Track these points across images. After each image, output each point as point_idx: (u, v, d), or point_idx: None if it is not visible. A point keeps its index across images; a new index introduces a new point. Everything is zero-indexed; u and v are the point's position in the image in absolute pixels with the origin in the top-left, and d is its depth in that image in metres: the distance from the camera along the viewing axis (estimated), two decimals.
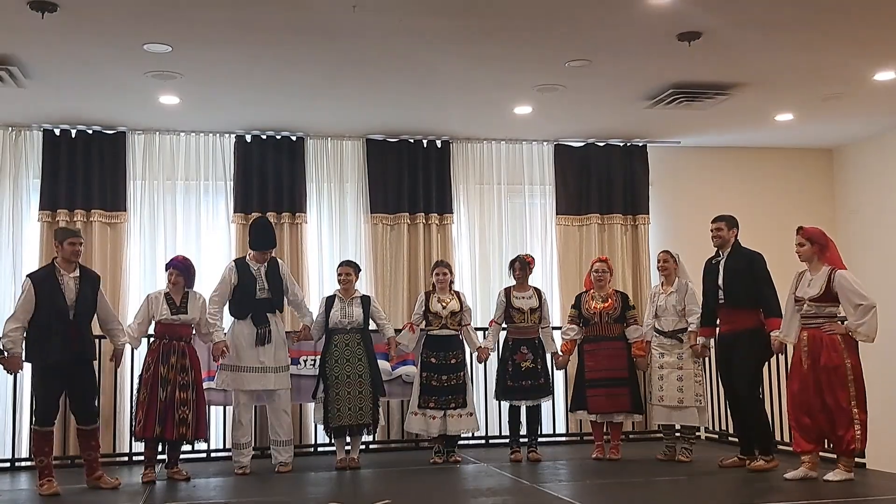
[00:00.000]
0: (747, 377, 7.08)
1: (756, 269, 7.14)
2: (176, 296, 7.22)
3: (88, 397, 6.79)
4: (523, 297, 7.90)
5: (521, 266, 7.95)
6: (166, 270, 7.36)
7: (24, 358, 6.64)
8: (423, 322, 7.89)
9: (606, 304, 7.79)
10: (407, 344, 7.90)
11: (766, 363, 7.38)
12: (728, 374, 7.24)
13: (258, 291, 7.45)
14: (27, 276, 6.80)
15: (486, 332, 8.11)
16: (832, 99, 8.43)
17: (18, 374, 7.68)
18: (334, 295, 7.74)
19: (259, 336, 7.38)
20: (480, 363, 8.14)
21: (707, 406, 7.88)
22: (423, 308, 7.86)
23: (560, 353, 7.95)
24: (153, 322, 7.27)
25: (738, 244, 7.31)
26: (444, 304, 7.84)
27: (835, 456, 6.64)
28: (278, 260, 7.76)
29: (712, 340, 7.63)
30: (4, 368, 6.62)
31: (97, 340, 7.13)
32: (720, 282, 7.21)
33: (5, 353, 6.51)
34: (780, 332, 6.76)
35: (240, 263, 7.58)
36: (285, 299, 7.68)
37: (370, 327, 7.85)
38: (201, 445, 8.30)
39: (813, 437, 6.53)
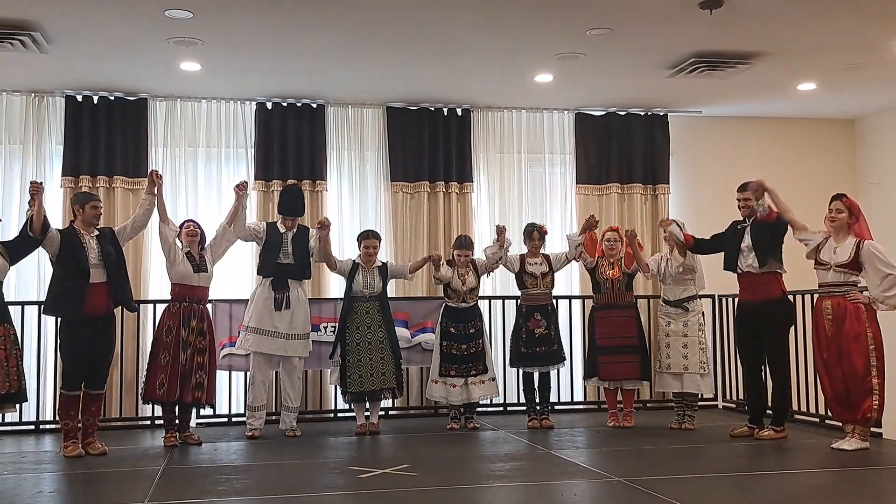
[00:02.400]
0: (780, 346, 7.12)
1: (780, 227, 7.09)
2: (195, 253, 7.28)
3: (104, 362, 6.87)
4: (535, 263, 7.98)
5: (540, 237, 8.00)
6: (181, 227, 7.35)
7: (51, 311, 6.78)
8: (443, 292, 7.99)
9: (614, 272, 7.83)
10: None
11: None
12: (753, 343, 7.24)
13: (281, 255, 7.52)
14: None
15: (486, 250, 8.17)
16: (854, 68, 8.36)
17: (43, 339, 7.84)
18: (357, 263, 7.78)
19: (276, 301, 7.45)
20: (501, 234, 8.04)
21: (710, 374, 7.91)
22: (447, 274, 7.91)
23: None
24: (168, 280, 7.32)
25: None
26: (463, 279, 7.88)
27: (841, 423, 6.69)
28: (309, 228, 7.79)
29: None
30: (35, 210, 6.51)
31: (119, 310, 7.16)
32: (744, 245, 7.16)
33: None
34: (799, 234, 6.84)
35: (270, 224, 7.70)
36: (310, 267, 7.75)
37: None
38: (222, 410, 8.44)
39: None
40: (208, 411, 7.91)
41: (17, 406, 6.82)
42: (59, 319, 7.04)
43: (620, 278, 7.86)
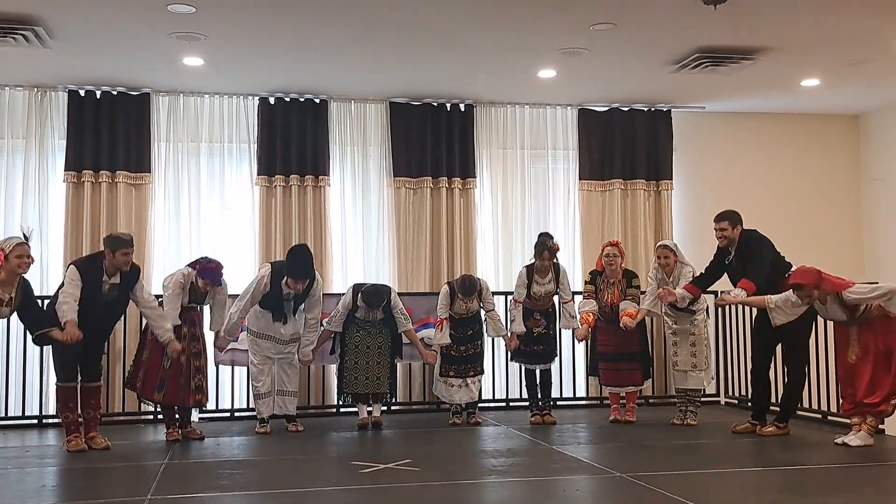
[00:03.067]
0: (803, 352, 7.13)
1: (753, 250, 7.09)
2: (201, 290, 7.27)
3: (95, 355, 6.86)
4: (543, 284, 7.92)
5: (550, 256, 7.88)
6: (198, 276, 7.18)
7: (38, 341, 6.69)
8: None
9: (614, 296, 7.82)
10: (446, 341, 7.85)
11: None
12: (767, 342, 7.20)
13: (283, 304, 7.51)
14: (74, 264, 6.74)
15: (512, 313, 8.06)
16: (858, 64, 8.34)
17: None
18: (357, 304, 7.69)
19: (275, 316, 7.50)
20: (512, 351, 8.08)
21: (711, 366, 7.92)
22: (449, 302, 7.87)
23: (580, 326, 7.93)
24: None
25: (745, 234, 7.23)
26: (467, 307, 7.87)
27: (846, 420, 6.68)
28: (316, 280, 7.55)
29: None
30: (63, 339, 6.40)
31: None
32: (738, 274, 7.17)
33: (63, 325, 6.41)
34: (771, 314, 6.78)
35: (275, 279, 7.42)
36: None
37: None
38: (225, 405, 8.47)
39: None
40: (211, 405, 7.93)
41: None
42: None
43: (617, 302, 7.80)
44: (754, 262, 7.07)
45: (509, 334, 7.98)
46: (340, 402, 8.06)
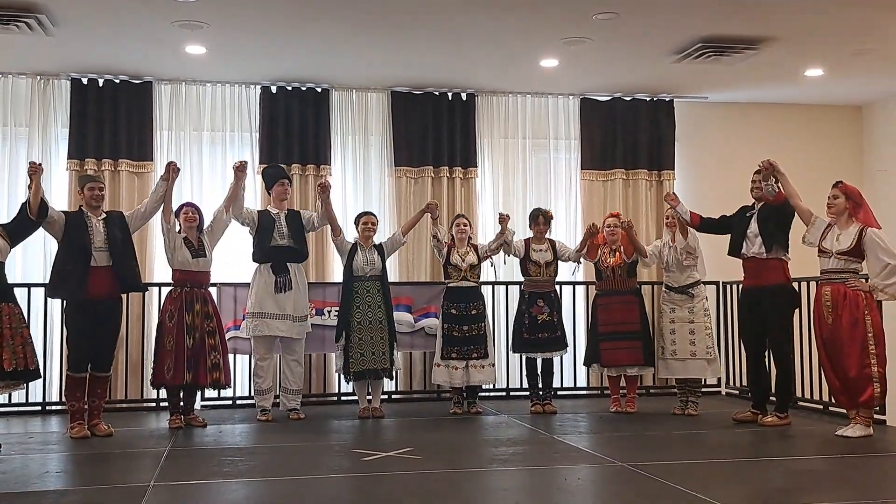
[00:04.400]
0: (784, 332, 7.16)
1: (786, 213, 7.09)
2: (193, 239, 7.28)
3: (109, 345, 6.89)
4: (540, 250, 7.98)
5: (545, 221, 8.00)
6: (178, 212, 7.33)
7: (52, 293, 6.86)
8: (443, 273, 7.99)
9: (616, 259, 7.83)
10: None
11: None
12: (757, 328, 7.25)
13: (276, 235, 7.53)
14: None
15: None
16: (862, 54, 8.33)
17: (49, 324, 7.86)
18: (356, 243, 7.80)
19: (278, 284, 7.48)
20: (501, 224, 8.00)
21: (718, 359, 7.94)
22: (446, 250, 7.91)
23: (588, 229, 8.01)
24: (167, 267, 7.38)
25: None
26: (462, 256, 7.88)
27: (845, 411, 6.70)
28: (300, 211, 7.85)
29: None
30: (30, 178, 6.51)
31: (125, 297, 7.24)
32: (750, 231, 7.17)
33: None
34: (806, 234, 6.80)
35: (262, 212, 7.72)
36: (307, 246, 7.84)
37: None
38: (227, 393, 8.48)
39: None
40: (213, 393, 7.96)
41: (26, 385, 6.83)
42: (63, 302, 7.05)
43: (621, 265, 7.85)
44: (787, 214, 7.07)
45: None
46: (346, 382, 8.03)
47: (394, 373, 7.95)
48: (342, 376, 7.97)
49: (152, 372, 7.23)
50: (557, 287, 8.26)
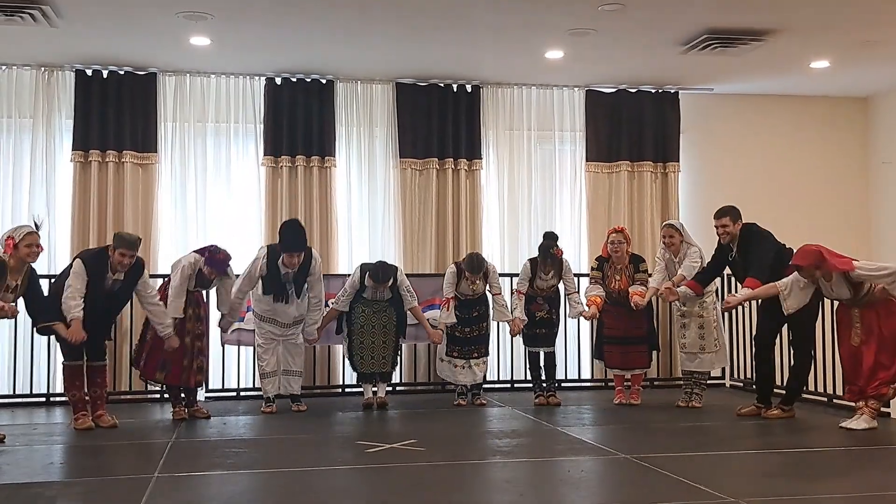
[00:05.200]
0: (807, 329, 7.11)
1: (753, 245, 7.08)
2: (208, 278, 7.30)
3: (101, 336, 6.89)
4: (546, 278, 7.96)
5: (553, 262, 7.89)
6: (206, 264, 7.18)
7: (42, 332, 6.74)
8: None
9: (622, 282, 7.82)
10: (452, 321, 7.83)
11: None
12: (774, 324, 7.19)
13: (284, 284, 7.49)
14: (80, 258, 6.76)
15: (514, 302, 8.05)
16: (868, 46, 8.29)
17: None
18: (364, 283, 7.69)
19: (276, 297, 7.50)
20: (514, 336, 8.12)
21: (725, 348, 7.93)
22: (455, 282, 7.87)
23: (587, 309, 7.90)
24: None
25: (745, 228, 7.21)
26: (473, 287, 7.87)
27: (851, 403, 6.69)
28: (312, 258, 7.55)
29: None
30: (68, 338, 6.44)
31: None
32: (736, 271, 7.25)
33: (69, 322, 6.45)
34: (784, 301, 6.72)
35: (272, 257, 7.43)
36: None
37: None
38: (231, 384, 8.50)
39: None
40: (217, 384, 7.99)
41: None
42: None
43: (626, 289, 7.79)
44: (756, 257, 7.03)
45: (514, 319, 7.94)
46: (357, 382, 8.06)
47: (392, 375, 8.01)
48: (352, 370, 8.01)
49: (141, 362, 7.17)
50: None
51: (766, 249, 7.07)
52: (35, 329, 6.76)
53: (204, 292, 7.56)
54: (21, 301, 6.55)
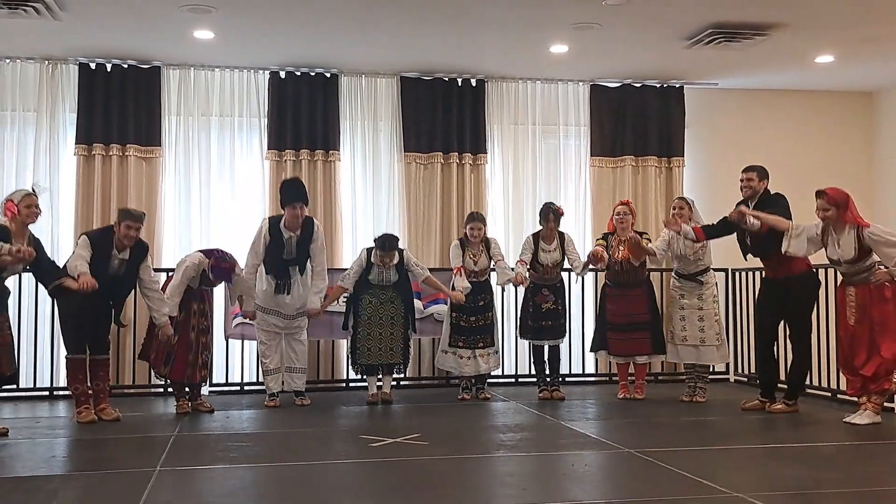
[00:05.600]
0: (803, 321, 7.10)
1: (775, 207, 7.03)
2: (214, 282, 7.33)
3: (104, 328, 6.89)
4: (549, 251, 7.94)
5: (556, 218, 7.94)
6: (210, 271, 7.16)
7: (53, 293, 6.74)
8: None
9: (625, 252, 7.80)
10: (466, 286, 7.80)
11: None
12: (774, 317, 7.21)
13: (286, 255, 7.48)
14: (86, 234, 6.80)
15: (517, 267, 8.05)
16: (873, 40, 8.26)
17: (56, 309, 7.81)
18: (370, 261, 7.67)
19: (278, 287, 7.48)
20: (518, 285, 8.03)
21: (726, 344, 7.91)
22: (461, 253, 7.88)
23: (592, 254, 7.83)
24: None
25: (768, 193, 7.20)
26: (474, 260, 7.86)
27: (855, 398, 6.68)
28: (314, 225, 7.60)
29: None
30: (79, 288, 6.40)
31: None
32: (748, 240, 7.16)
33: (76, 277, 6.43)
34: (788, 240, 6.69)
35: (273, 224, 7.48)
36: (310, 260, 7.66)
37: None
38: (235, 378, 8.50)
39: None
40: (220, 378, 7.99)
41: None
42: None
43: (628, 257, 7.81)
44: (778, 209, 6.98)
45: (516, 274, 7.87)
46: (356, 374, 8.03)
47: (407, 367, 7.95)
48: (350, 366, 7.97)
49: (152, 357, 7.17)
50: (565, 275, 8.23)
51: (785, 210, 7.02)
52: (49, 292, 6.70)
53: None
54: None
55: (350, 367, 7.95)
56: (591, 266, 7.98)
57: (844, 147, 10.22)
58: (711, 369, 7.98)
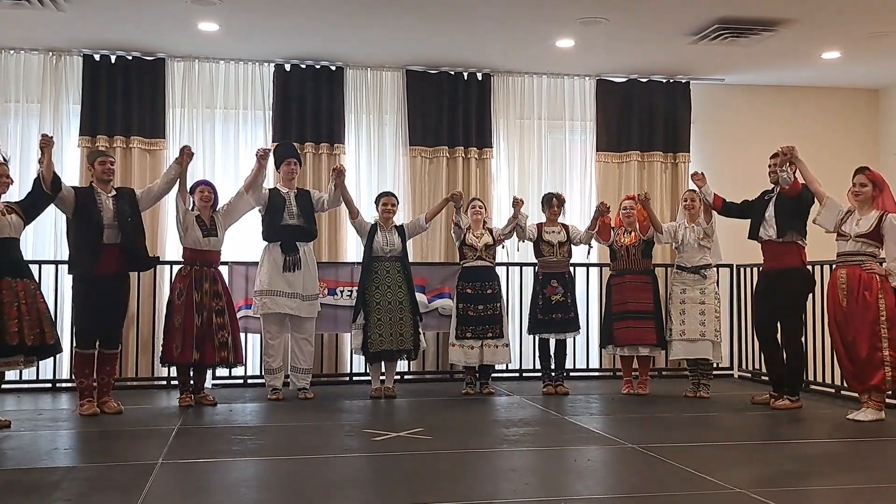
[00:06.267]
0: (795, 315, 7.11)
1: (805, 199, 7.02)
2: (206, 218, 7.28)
3: (117, 322, 6.90)
4: (552, 231, 7.95)
5: (559, 204, 7.99)
6: (193, 190, 7.32)
7: (70, 269, 6.77)
8: (459, 254, 7.99)
9: (632, 238, 7.80)
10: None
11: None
12: (770, 310, 7.22)
13: (286, 215, 7.49)
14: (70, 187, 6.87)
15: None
16: (880, 37, 8.23)
17: (60, 301, 7.84)
18: (375, 224, 7.76)
19: (287, 263, 7.45)
20: (515, 206, 7.99)
21: (721, 343, 7.90)
22: (462, 234, 7.91)
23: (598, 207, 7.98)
24: (179, 244, 7.36)
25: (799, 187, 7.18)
26: (478, 237, 7.86)
27: (857, 395, 6.67)
28: (310, 190, 7.83)
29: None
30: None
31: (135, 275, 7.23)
32: (768, 214, 7.13)
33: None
34: (820, 211, 6.75)
35: (271, 189, 7.69)
36: (316, 225, 7.79)
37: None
38: (238, 372, 8.48)
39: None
40: (224, 372, 7.98)
41: (44, 360, 6.76)
42: (73, 278, 7.02)
43: (636, 244, 7.81)
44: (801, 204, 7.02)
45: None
46: (368, 363, 8.00)
47: (418, 353, 7.92)
48: (361, 356, 7.94)
49: (162, 350, 7.25)
50: (572, 269, 8.21)
51: (806, 208, 7.04)
52: (40, 194, 6.51)
53: (223, 274, 7.52)
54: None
55: (363, 355, 7.87)
56: (595, 234, 8.00)
57: (850, 144, 10.17)
58: (715, 365, 7.95)
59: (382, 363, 7.79)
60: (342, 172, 7.68)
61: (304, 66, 9.09)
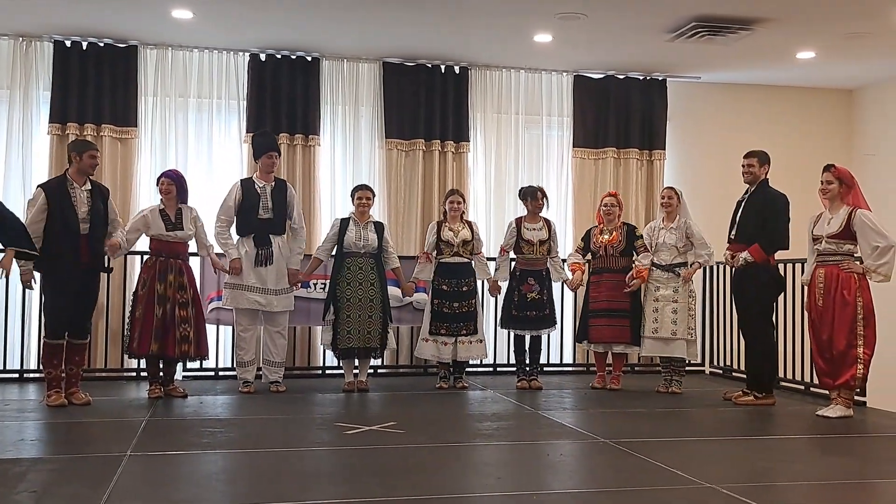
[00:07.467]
0: (761, 312, 7.13)
1: (771, 207, 7.06)
2: (170, 210, 7.18)
3: (87, 313, 6.81)
4: (534, 229, 7.90)
5: (543, 197, 7.96)
6: (158, 181, 7.27)
7: (34, 268, 6.64)
8: (436, 251, 7.87)
9: (611, 238, 7.79)
10: (426, 277, 7.84)
11: (777, 299, 7.43)
12: (739, 309, 7.31)
13: (261, 210, 7.41)
14: (39, 186, 6.72)
15: (497, 262, 8.06)
16: (855, 37, 8.27)
17: (27, 291, 7.70)
18: (349, 218, 7.69)
19: (259, 257, 7.38)
20: (493, 297, 8.14)
21: (696, 341, 7.91)
22: (436, 237, 7.83)
23: (570, 275, 7.99)
24: (145, 237, 7.24)
25: (766, 183, 7.22)
26: (455, 232, 7.81)
27: (827, 392, 6.71)
28: (287, 183, 7.72)
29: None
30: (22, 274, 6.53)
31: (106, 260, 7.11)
32: (737, 217, 7.17)
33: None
34: (803, 277, 6.78)
35: (245, 181, 7.56)
36: (286, 219, 7.63)
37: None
38: (209, 364, 8.39)
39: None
40: (195, 364, 7.90)
41: None
42: (43, 268, 6.89)
43: (615, 244, 7.79)
44: (771, 225, 7.02)
45: (493, 281, 7.97)
46: (336, 359, 7.96)
47: (384, 352, 7.84)
48: (330, 352, 7.88)
49: (126, 341, 7.16)
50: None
51: (782, 216, 7.06)
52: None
53: (193, 267, 7.42)
54: None
55: (332, 352, 7.81)
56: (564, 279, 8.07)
57: (824, 143, 10.23)
58: (687, 361, 7.97)
59: (355, 358, 7.73)
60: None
61: (279, 56, 9.00)
